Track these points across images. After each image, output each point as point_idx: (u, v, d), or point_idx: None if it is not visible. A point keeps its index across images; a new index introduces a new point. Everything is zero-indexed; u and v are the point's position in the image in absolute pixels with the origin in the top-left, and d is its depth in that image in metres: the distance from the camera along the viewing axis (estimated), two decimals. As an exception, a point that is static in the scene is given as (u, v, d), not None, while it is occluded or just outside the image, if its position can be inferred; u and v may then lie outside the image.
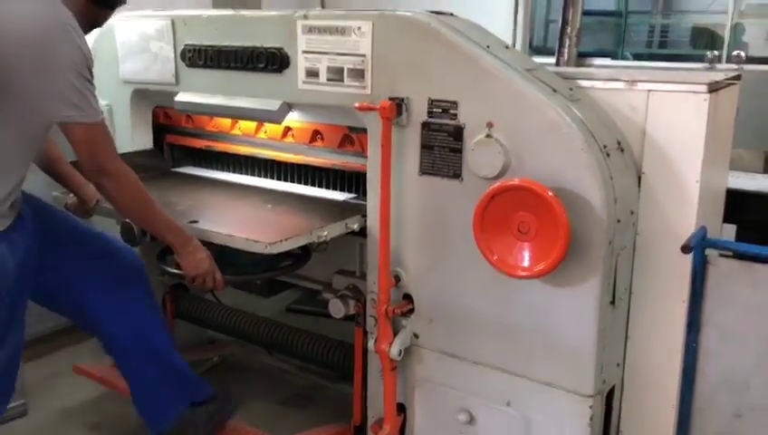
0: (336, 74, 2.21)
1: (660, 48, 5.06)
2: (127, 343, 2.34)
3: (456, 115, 2.01)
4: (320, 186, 2.65)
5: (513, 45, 4.10)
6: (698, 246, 1.79)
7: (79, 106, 1.85)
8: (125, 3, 2.13)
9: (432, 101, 2.04)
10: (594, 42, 4.58)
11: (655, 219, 2.03)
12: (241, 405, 2.97)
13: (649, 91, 1.97)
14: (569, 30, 3.84)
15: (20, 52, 1.77)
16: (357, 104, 2.09)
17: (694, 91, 1.90)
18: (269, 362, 3.27)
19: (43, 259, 2.12)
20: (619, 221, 1.90)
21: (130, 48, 2.73)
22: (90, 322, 2.34)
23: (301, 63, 2.28)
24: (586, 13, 4.53)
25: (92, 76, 1.90)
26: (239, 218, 2.36)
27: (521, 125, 1.91)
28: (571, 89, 2.03)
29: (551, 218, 1.81)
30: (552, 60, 3.95)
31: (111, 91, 2.80)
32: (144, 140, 2.93)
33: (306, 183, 2.68)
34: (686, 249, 1.73)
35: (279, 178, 2.75)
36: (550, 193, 1.80)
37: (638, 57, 4.42)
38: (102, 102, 2.61)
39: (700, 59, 3.88)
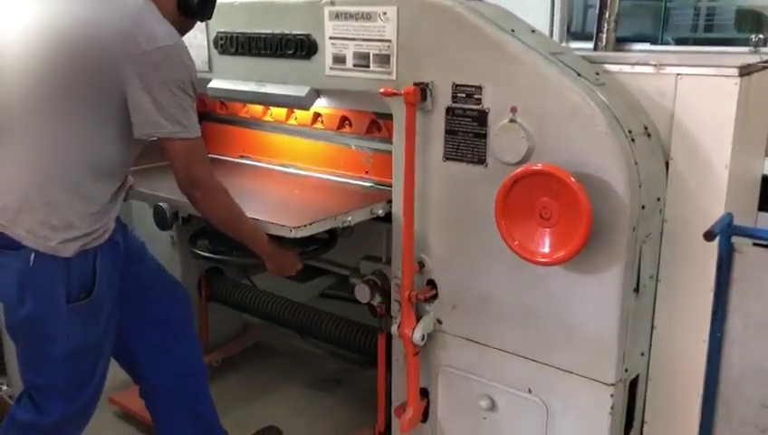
0: (362, 60, 2.22)
1: (706, 32, 4.91)
2: (167, 396, 2.31)
3: (480, 100, 2.00)
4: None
5: (551, 31, 4.05)
6: (724, 233, 1.75)
7: (182, 122, 1.88)
8: (210, 18, 2.17)
9: (456, 85, 2.04)
10: (636, 26, 4.46)
11: (683, 206, 2.00)
12: (270, 388, 3.03)
13: (678, 75, 1.93)
14: (607, 14, 3.77)
15: (131, 68, 1.81)
16: (382, 90, 2.10)
17: (723, 75, 1.85)
18: (300, 345, 3.34)
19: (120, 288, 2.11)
20: (643, 207, 1.87)
21: (165, 36, 2.78)
22: (132, 366, 2.31)
23: (328, 49, 2.29)
24: (628, -4, 4.44)
25: (195, 91, 1.93)
26: (267, 203, 2.39)
27: (544, 109, 1.89)
28: (597, 73, 2.00)
29: (573, 204, 1.79)
30: (591, 45, 3.90)
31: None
32: (179, 127, 2.99)
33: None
34: (708, 236, 1.69)
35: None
36: (572, 178, 1.78)
37: (681, 42, 4.30)
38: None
39: (746, 43, 3.76)
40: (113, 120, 1.87)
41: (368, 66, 2.21)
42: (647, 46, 3.85)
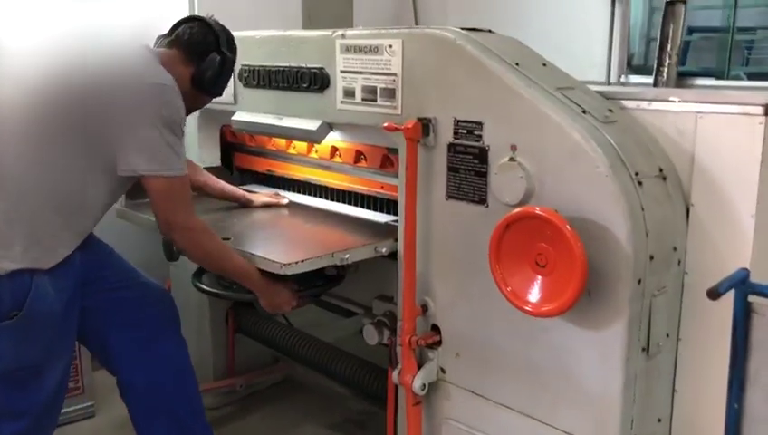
0: (370, 94, 2.16)
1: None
2: (141, 396, 2.26)
3: (480, 137, 1.89)
4: (366, 206, 2.59)
5: (609, 64, 3.86)
6: (739, 292, 1.54)
7: (167, 160, 1.91)
8: (221, 95, 2.27)
9: (457, 121, 1.93)
10: (708, 61, 4.18)
11: (706, 257, 1.80)
12: (292, 427, 2.96)
13: (698, 113, 1.75)
14: (668, 48, 3.56)
15: (118, 103, 1.88)
16: (385, 124, 2.02)
17: (746, 114, 1.66)
18: (328, 384, 3.24)
19: (83, 295, 2.10)
20: (652, 258, 1.69)
21: (197, 68, 2.82)
22: (109, 364, 2.28)
23: (339, 83, 2.25)
24: (699, 30, 4.19)
25: (182, 133, 1.98)
26: (272, 237, 2.35)
27: (544, 148, 1.76)
28: (610, 110, 1.85)
29: (567, 254, 1.63)
30: (651, 79, 3.69)
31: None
32: (211, 158, 3.01)
33: (353, 203, 2.64)
34: (712, 295, 1.49)
35: (329, 198, 2.73)
36: (567, 225, 1.63)
37: (759, 77, 3.98)
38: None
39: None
40: (89, 158, 1.90)
41: (375, 100, 2.14)
42: (712, 81, 3.59)
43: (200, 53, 2.13)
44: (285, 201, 2.68)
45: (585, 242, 1.63)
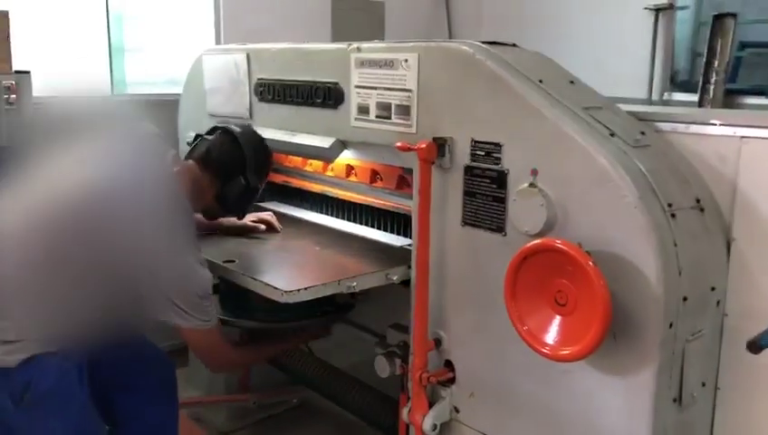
0: (384, 111, 2.03)
1: None
2: None
3: (499, 159, 1.74)
4: (382, 228, 2.45)
5: (651, 80, 3.65)
6: (785, 343, 1.36)
7: (198, 317, 1.85)
8: (245, 214, 2.24)
9: (475, 142, 1.79)
10: (763, 78, 3.92)
11: (749, 298, 1.62)
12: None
13: (742, 137, 1.57)
14: (716, 64, 3.35)
15: (150, 269, 1.79)
16: (398, 144, 1.89)
17: (796, 139, 1.48)
18: (343, 411, 3.10)
19: None
20: (686, 299, 1.51)
21: (214, 81, 2.74)
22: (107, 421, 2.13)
23: (353, 99, 2.12)
24: (752, 45, 3.94)
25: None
26: (279, 261, 2.23)
27: (567, 174, 1.60)
28: (642, 132, 1.68)
29: (589, 292, 1.47)
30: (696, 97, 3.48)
31: (198, 123, 2.80)
32: (228, 173, 2.91)
33: (369, 224, 2.51)
34: (753, 347, 1.31)
35: (346, 218, 2.60)
36: (590, 262, 1.46)
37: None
38: (190, 134, 2.64)
39: None
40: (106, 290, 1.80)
41: (389, 117, 2.01)
42: (762, 100, 3.36)
43: (225, 174, 2.08)
44: (263, 227, 2.45)
45: (610, 280, 1.46)
